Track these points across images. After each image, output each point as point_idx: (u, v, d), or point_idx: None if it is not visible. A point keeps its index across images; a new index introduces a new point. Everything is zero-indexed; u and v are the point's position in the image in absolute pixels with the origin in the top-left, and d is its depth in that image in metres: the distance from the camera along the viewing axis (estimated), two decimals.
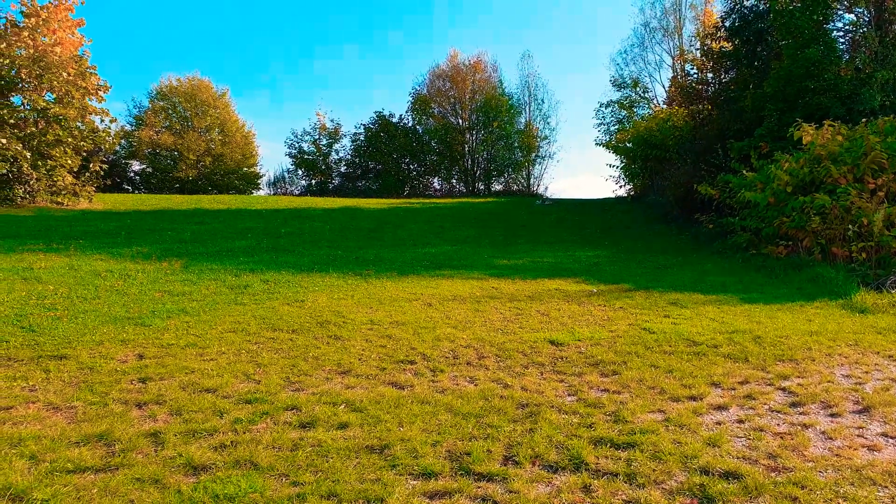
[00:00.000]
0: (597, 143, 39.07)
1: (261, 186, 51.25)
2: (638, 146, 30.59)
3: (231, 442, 4.46)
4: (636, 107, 41.69)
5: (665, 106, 35.83)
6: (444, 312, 9.44)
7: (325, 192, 47.69)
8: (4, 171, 23.14)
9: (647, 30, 42.22)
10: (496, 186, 50.49)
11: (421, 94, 50.45)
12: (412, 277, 12.65)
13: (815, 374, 6.40)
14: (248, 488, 3.74)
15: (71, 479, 3.87)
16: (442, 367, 6.58)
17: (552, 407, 5.31)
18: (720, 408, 5.36)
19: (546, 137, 49.18)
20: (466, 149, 50.30)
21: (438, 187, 51.77)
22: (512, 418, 5.03)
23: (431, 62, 75.89)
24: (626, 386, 5.97)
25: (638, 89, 41.72)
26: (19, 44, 23.84)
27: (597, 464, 4.19)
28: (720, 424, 4.96)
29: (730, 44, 25.11)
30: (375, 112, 51.11)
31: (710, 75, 28.49)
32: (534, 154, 49.02)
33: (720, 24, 25.90)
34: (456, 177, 51.78)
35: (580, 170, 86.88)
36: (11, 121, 23.85)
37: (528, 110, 49.78)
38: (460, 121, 50.03)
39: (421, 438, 4.55)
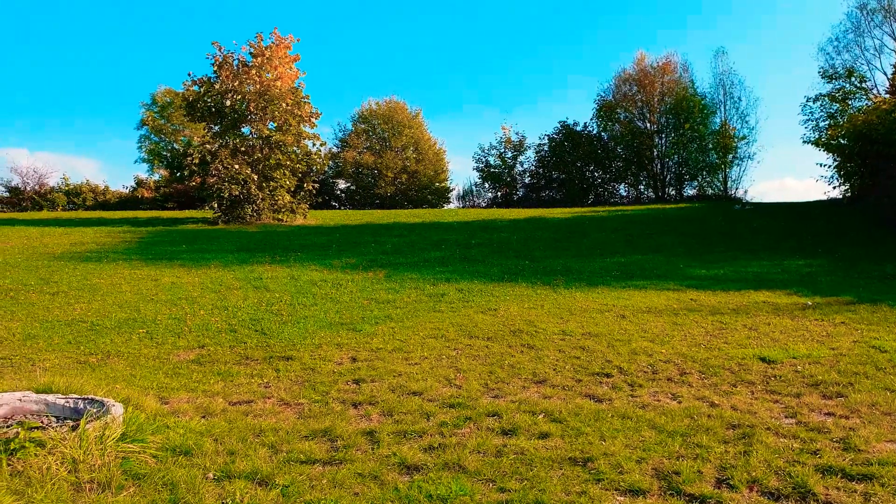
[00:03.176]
0: (804, 141, 34.99)
1: (451, 200, 53.49)
2: (854, 142, 27.12)
3: (439, 444, 4.72)
4: (851, 99, 36.90)
5: (888, 95, 31.39)
6: (639, 325, 9.15)
7: (509, 203, 48.41)
8: (237, 193, 26.65)
9: (864, 12, 37.30)
10: (688, 191, 47.69)
11: (606, 101, 49.29)
12: (602, 288, 12.40)
13: None
14: (459, 490, 3.94)
15: (304, 469, 4.34)
16: (640, 381, 6.39)
17: (768, 429, 4.93)
18: None
19: (744, 137, 45.38)
20: (655, 153, 48.16)
21: (625, 194, 50.11)
22: (722, 439, 4.74)
23: (617, 67, 73.94)
24: (854, 410, 5.36)
25: (853, 79, 36.94)
26: (248, 81, 27.37)
27: (826, 494, 3.82)
28: None
29: None
30: (559, 122, 50.93)
31: None
32: (730, 155, 45.45)
33: None
34: (644, 182, 49.76)
35: (784, 171, 79.21)
36: (242, 148, 27.45)
37: (723, 109, 46.36)
38: (648, 124, 48.08)
39: (625, 454, 4.46)
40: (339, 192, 51.85)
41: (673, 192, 47.61)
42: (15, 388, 5.67)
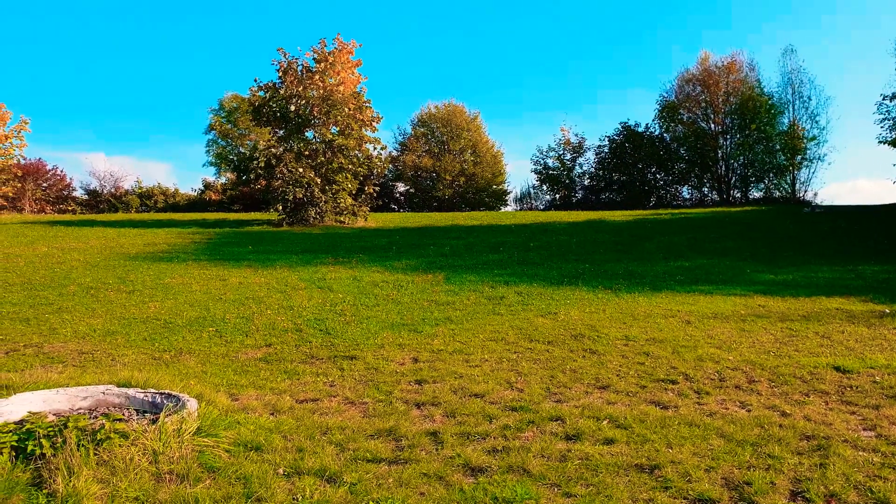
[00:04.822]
0: (880, 141, 33.26)
1: (508, 202, 53.37)
2: None
3: (502, 447, 4.74)
4: None
5: None
6: (705, 331, 8.93)
7: (568, 206, 47.89)
8: (301, 196, 27.31)
9: None
10: (755, 194, 46.20)
11: (669, 101, 48.26)
12: (666, 293, 12.14)
13: None
14: (524, 494, 3.94)
15: (370, 468, 4.42)
16: (707, 389, 6.25)
17: (845, 441, 4.74)
18: None
19: (814, 138, 43.61)
20: (720, 154, 46.83)
21: (688, 196, 48.95)
22: (796, 450, 4.59)
23: (680, 67, 72.07)
24: None
25: None
26: (312, 86, 28.01)
27: None
28: None
29: None
30: (620, 123, 50.22)
31: None
32: (799, 157, 43.75)
33: None
34: (708, 185, 48.49)
35: (857, 172, 75.61)
36: (306, 152, 28.12)
37: (791, 109, 44.67)
38: (712, 125, 46.83)
39: (693, 462, 4.38)
40: (398, 195, 52.50)
41: (738, 195, 46.22)
42: (98, 382, 6.00)
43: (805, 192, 44.14)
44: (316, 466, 4.39)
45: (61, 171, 48.58)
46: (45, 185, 47.05)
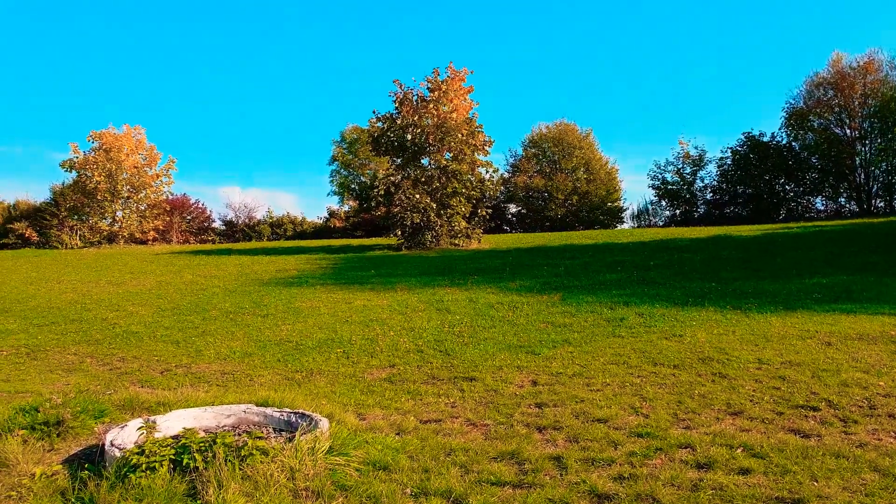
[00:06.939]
0: None
1: (624, 220, 52.05)
2: None
3: (629, 474, 4.62)
4: None
5: None
6: (849, 353, 8.24)
7: (689, 221, 45.93)
8: (418, 221, 28.18)
9: None
10: None
11: (796, 108, 45.37)
12: (802, 312, 11.32)
13: None
14: None
15: (495, 491, 4.45)
16: (855, 417, 5.77)
17: None
18: None
19: None
20: (857, 161, 43.29)
21: (822, 208, 45.59)
22: None
23: (808, 71, 67.39)
24: None
25: None
26: (427, 115, 28.96)
27: None
28: None
29: None
30: (743, 133, 47.74)
31: None
32: None
33: None
34: (844, 195, 44.94)
35: None
36: (422, 179, 29.02)
37: None
38: (848, 131, 43.46)
39: (843, 498, 4.06)
40: (510, 216, 52.74)
41: (881, 205, 42.46)
42: (239, 401, 6.47)
43: None
44: (442, 488, 4.47)
45: (202, 205, 53.27)
46: (189, 217, 51.69)
